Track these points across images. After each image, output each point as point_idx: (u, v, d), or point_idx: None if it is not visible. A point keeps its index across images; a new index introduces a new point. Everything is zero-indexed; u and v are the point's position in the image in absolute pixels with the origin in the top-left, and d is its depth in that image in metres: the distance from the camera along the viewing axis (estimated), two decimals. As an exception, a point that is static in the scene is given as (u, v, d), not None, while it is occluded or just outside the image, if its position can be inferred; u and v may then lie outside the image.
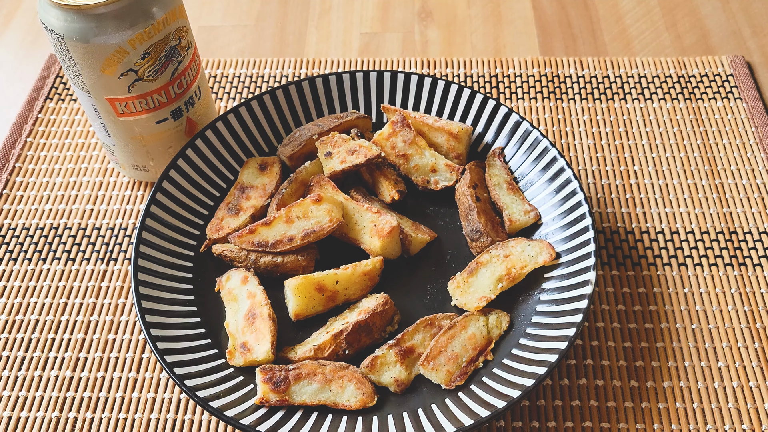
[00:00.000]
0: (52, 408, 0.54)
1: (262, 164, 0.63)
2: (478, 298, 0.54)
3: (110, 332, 0.58)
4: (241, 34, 0.84)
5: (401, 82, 0.67)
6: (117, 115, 0.58)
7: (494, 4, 0.86)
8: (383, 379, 0.51)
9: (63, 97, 0.76)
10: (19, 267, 0.62)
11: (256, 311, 0.54)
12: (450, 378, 0.51)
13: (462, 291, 0.55)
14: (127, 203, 0.67)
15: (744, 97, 0.74)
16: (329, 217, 0.56)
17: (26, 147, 0.71)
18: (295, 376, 0.50)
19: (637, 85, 0.75)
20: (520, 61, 0.78)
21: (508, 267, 0.55)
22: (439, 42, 0.82)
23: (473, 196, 0.59)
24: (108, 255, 0.63)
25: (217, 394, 0.49)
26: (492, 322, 0.54)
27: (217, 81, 0.77)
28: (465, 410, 0.49)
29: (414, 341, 0.53)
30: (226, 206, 0.61)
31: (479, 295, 0.54)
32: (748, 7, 0.84)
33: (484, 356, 0.53)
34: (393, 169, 0.63)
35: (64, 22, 0.51)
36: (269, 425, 0.48)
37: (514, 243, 0.56)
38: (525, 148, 0.62)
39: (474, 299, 0.54)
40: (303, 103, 0.67)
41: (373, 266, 0.56)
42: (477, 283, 0.55)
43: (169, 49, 0.56)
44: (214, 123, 0.63)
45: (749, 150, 0.69)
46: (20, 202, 0.67)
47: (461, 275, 0.56)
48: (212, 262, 0.59)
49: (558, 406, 0.54)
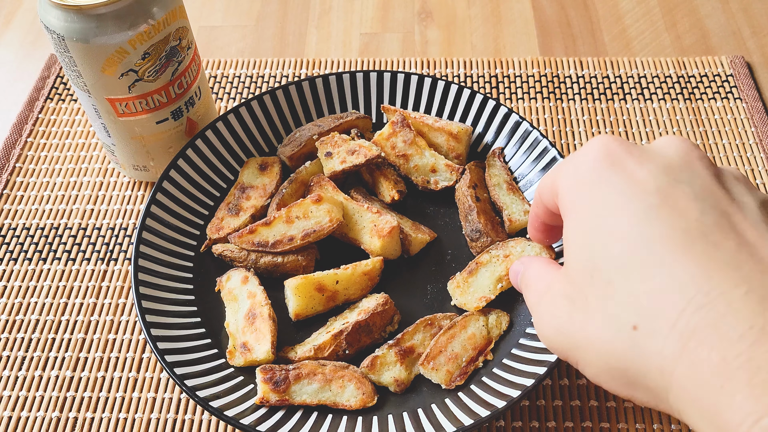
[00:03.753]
0: (52, 408, 0.54)
1: (262, 164, 0.63)
2: (477, 298, 0.54)
3: (110, 332, 0.58)
4: (242, 34, 0.84)
5: (401, 83, 0.67)
6: (117, 116, 0.58)
7: (494, 4, 0.86)
8: (383, 379, 0.51)
9: (63, 97, 0.76)
10: (20, 267, 0.62)
11: (256, 311, 0.54)
12: (450, 378, 0.51)
13: (462, 291, 0.55)
14: (128, 203, 0.67)
15: (744, 98, 0.74)
16: (329, 217, 0.56)
17: (26, 147, 0.72)
18: (295, 375, 0.50)
19: (636, 85, 0.75)
20: (520, 62, 0.78)
21: (508, 267, 0.55)
22: (439, 42, 0.82)
23: (473, 196, 0.59)
24: (108, 255, 0.63)
25: (217, 394, 0.49)
26: (492, 322, 0.54)
27: (217, 81, 0.77)
28: (465, 410, 0.49)
29: (414, 341, 0.53)
30: (227, 206, 0.61)
31: (479, 295, 0.54)
32: (748, 7, 0.84)
33: (484, 356, 0.53)
34: (393, 169, 0.63)
35: (65, 22, 0.51)
36: (269, 425, 0.48)
37: (514, 243, 0.56)
38: (525, 148, 0.62)
39: (474, 299, 0.54)
40: (303, 103, 0.67)
41: (373, 266, 0.56)
42: (477, 283, 0.55)
43: (170, 49, 0.56)
44: (214, 123, 0.63)
45: (749, 150, 0.69)
46: (20, 202, 0.67)
47: (461, 275, 0.56)
48: (212, 262, 0.59)
49: (558, 406, 0.54)
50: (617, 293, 0.32)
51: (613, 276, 0.32)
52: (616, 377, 0.33)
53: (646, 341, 0.30)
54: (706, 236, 0.30)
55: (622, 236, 0.32)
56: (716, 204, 0.32)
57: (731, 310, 0.28)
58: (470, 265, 0.56)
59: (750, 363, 0.27)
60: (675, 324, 0.29)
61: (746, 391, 0.26)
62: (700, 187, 0.32)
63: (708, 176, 0.33)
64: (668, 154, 0.34)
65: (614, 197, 0.33)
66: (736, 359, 0.27)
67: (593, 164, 0.35)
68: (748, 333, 0.27)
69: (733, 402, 0.27)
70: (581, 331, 0.34)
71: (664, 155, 0.34)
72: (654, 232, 0.31)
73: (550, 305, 0.37)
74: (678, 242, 0.30)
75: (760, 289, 0.28)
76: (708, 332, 0.28)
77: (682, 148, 0.35)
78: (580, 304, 0.34)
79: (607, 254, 0.33)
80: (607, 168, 0.34)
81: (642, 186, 0.33)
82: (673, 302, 0.29)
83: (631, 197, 0.32)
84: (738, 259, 0.29)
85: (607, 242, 0.33)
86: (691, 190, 0.32)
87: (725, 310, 0.28)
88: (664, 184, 0.32)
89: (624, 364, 0.32)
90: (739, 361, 0.27)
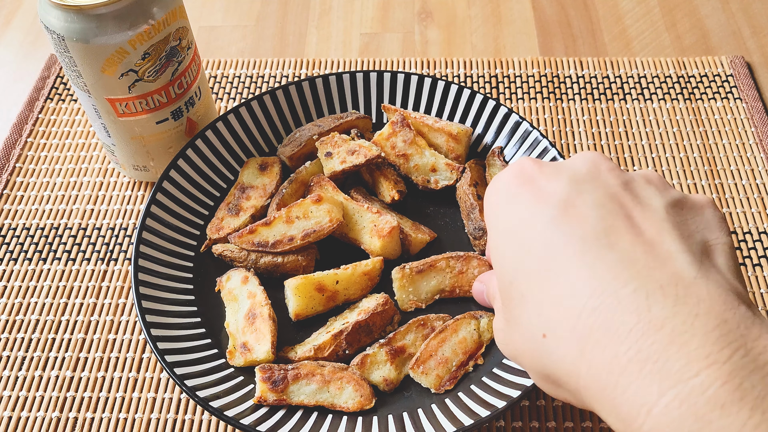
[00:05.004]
0: (52, 408, 0.54)
1: (262, 164, 0.63)
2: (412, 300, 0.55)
3: (110, 332, 0.58)
4: (242, 34, 0.84)
5: (401, 83, 0.67)
6: (117, 116, 0.58)
7: (494, 4, 0.86)
8: (373, 378, 0.51)
9: (63, 98, 0.76)
10: (20, 267, 0.62)
11: (256, 311, 0.54)
12: (440, 382, 0.51)
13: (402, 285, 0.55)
14: (128, 203, 0.67)
15: (744, 98, 0.74)
16: (329, 217, 0.56)
17: (26, 147, 0.72)
18: (293, 376, 0.50)
19: (636, 85, 0.75)
20: (520, 62, 0.78)
21: (455, 284, 0.55)
22: (439, 42, 0.82)
23: (474, 194, 0.59)
24: (108, 255, 0.63)
25: (217, 394, 0.49)
26: (483, 325, 0.54)
27: (217, 81, 0.77)
28: (465, 410, 0.49)
29: (405, 341, 0.53)
30: (227, 206, 0.61)
31: (414, 298, 0.55)
32: (748, 7, 0.84)
33: (475, 360, 0.52)
34: (393, 169, 0.63)
35: (65, 22, 0.51)
36: (269, 425, 0.48)
37: (477, 262, 0.56)
38: (525, 149, 0.62)
39: (408, 299, 0.55)
40: (303, 103, 0.67)
41: (373, 266, 0.56)
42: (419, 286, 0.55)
43: (170, 49, 0.56)
44: (214, 123, 0.63)
45: (749, 150, 0.69)
46: (20, 202, 0.67)
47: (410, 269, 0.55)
48: (212, 262, 0.59)
49: (558, 406, 0.54)
50: (528, 304, 0.34)
51: (524, 288, 0.34)
52: (547, 381, 0.34)
53: (554, 348, 0.32)
54: (600, 240, 0.31)
55: (529, 249, 0.34)
56: (618, 209, 0.33)
57: (620, 308, 0.29)
58: (424, 264, 0.55)
59: (638, 355, 0.28)
60: (574, 328, 0.30)
61: (637, 383, 0.28)
62: (602, 195, 0.34)
63: (614, 184, 0.34)
64: (576, 167, 0.36)
65: (523, 212, 0.35)
66: (626, 354, 0.28)
67: (507, 185, 0.37)
68: (636, 327, 0.28)
69: (627, 396, 0.28)
70: (512, 342, 0.36)
71: (573, 168, 0.36)
72: (556, 242, 0.33)
73: (496, 319, 0.40)
74: (576, 249, 0.32)
75: (649, 284, 0.29)
76: (601, 333, 0.29)
77: (590, 161, 0.36)
78: (508, 318, 0.36)
79: (518, 267, 0.34)
80: (518, 186, 0.36)
81: (548, 199, 0.34)
82: (571, 308, 0.31)
83: (537, 211, 0.34)
84: (631, 258, 0.30)
85: (518, 256, 0.34)
86: (592, 198, 0.33)
87: (615, 309, 0.29)
88: (566, 195, 0.34)
89: (545, 370, 0.34)
90: (628, 356, 0.28)
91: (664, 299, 0.29)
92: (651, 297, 0.29)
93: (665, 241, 0.31)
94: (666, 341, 0.27)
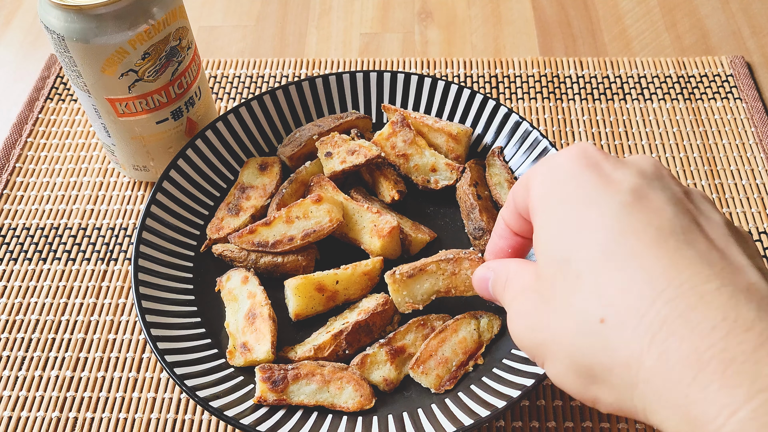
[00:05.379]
0: (52, 408, 0.54)
1: (262, 164, 0.63)
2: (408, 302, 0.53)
3: (110, 332, 0.58)
4: (242, 34, 0.84)
5: (401, 83, 0.67)
6: (117, 116, 0.58)
7: (494, 4, 0.86)
8: (372, 378, 0.51)
9: (63, 97, 0.76)
10: (20, 267, 0.62)
11: (256, 311, 0.54)
12: (440, 382, 0.51)
13: (396, 289, 0.53)
14: (128, 203, 0.67)
15: (744, 98, 0.74)
16: (329, 217, 0.56)
17: (26, 147, 0.72)
18: (293, 375, 0.50)
19: (636, 85, 0.75)
20: (520, 62, 0.78)
21: (450, 286, 0.54)
22: (439, 42, 0.82)
23: (474, 194, 0.59)
24: (108, 255, 0.63)
25: (217, 394, 0.49)
26: (483, 325, 0.54)
27: (217, 81, 0.77)
28: (465, 410, 0.49)
29: (405, 341, 0.53)
30: (226, 206, 0.61)
31: (410, 300, 0.53)
32: (748, 7, 0.84)
33: (474, 360, 0.52)
34: (393, 169, 0.63)
35: (65, 22, 0.51)
36: (269, 425, 0.48)
37: (468, 263, 0.54)
38: (525, 149, 0.62)
39: (403, 302, 0.53)
40: (303, 103, 0.67)
41: (373, 266, 0.56)
42: (413, 290, 0.53)
43: (170, 49, 0.56)
44: (214, 123, 0.63)
45: (749, 150, 0.69)
46: (20, 202, 0.67)
47: (401, 273, 0.53)
48: (212, 262, 0.59)
49: (558, 406, 0.54)
50: (585, 285, 0.32)
51: (582, 268, 0.32)
52: (582, 375, 0.32)
53: (613, 334, 0.30)
54: (677, 235, 0.31)
55: (594, 228, 0.32)
56: (686, 212, 0.32)
57: (703, 302, 0.28)
58: (413, 268, 0.53)
59: (723, 354, 0.26)
60: (644, 316, 0.29)
61: (720, 383, 0.26)
62: (671, 195, 0.33)
63: (678, 190, 0.34)
64: (640, 164, 0.35)
65: (589, 192, 0.33)
66: (709, 350, 0.27)
67: (570, 164, 0.35)
68: (721, 325, 0.27)
69: (706, 394, 0.26)
70: (548, 326, 0.34)
71: (637, 164, 0.35)
72: (627, 227, 0.31)
73: (521, 302, 0.37)
74: (651, 237, 0.30)
75: (732, 285, 0.28)
76: (678, 324, 0.28)
77: (653, 163, 0.36)
78: (549, 299, 0.34)
79: (577, 246, 0.32)
80: (583, 167, 0.35)
81: (617, 185, 0.33)
82: (642, 294, 0.29)
83: (606, 193, 0.33)
84: (710, 258, 0.30)
85: (579, 234, 0.33)
86: (664, 195, 0.33)
87: (696, 303, 0.28)
88: (638, 185, 0.33)
89: (589, 359, 0.31)
90: (711, 352, 0.27)
91: (749, 302, 0.28)
92: (735, 297, 0.28)
93: (734, 254, 0.30)
94: (756, 342, 0.26)
